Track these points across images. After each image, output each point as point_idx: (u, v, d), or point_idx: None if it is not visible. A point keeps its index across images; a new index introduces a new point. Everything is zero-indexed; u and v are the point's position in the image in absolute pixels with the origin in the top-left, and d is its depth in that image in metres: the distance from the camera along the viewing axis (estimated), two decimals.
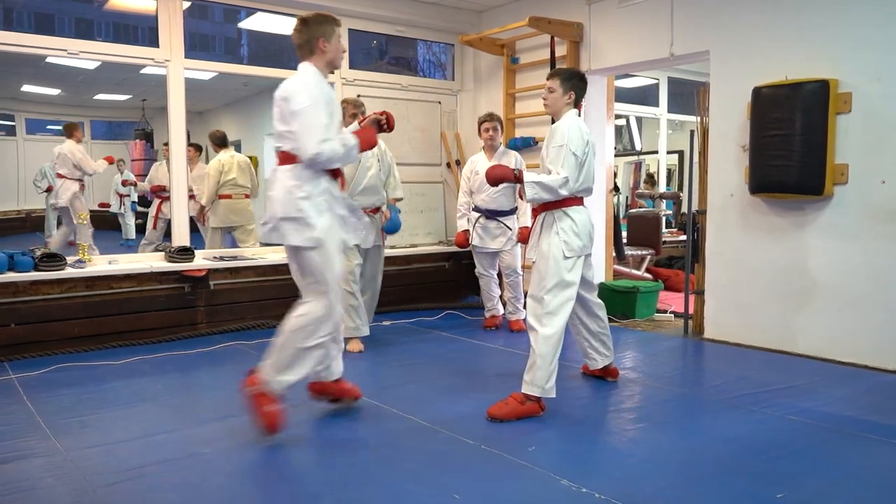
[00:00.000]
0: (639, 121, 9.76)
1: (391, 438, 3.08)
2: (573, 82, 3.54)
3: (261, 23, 6.38)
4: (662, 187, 9.58)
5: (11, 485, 2.59)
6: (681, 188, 9.51)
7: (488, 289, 5.47)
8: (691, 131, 5.21)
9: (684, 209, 8.40)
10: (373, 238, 4.74)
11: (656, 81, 8.98)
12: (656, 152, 9.61)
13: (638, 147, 9.85)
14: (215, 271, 5.27)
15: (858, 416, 3.33)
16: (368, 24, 6.30)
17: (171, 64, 5.30)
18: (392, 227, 4.83)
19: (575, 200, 3.46)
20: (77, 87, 10.08)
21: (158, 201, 7.52)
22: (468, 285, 6.44)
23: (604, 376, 3.95)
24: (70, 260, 4.88)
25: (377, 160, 4.72)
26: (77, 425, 3.25)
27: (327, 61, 3.08)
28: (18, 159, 10.40)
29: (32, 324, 4.58)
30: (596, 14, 5.71)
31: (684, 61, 5.48)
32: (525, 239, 4.65)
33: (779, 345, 4.60)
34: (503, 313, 5.53)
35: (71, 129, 7.33)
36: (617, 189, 6.97)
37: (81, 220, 5.15)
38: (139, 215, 9.79)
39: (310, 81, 3.00)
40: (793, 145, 4.28)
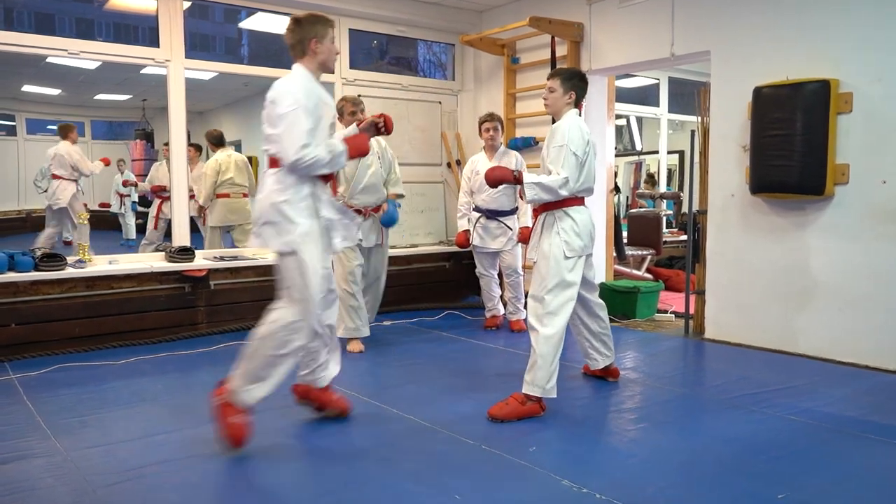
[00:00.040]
0: (639, 121, 9.76)
1: (391, 439, 3.08)
2: (574, 82, 3.54)
3: (261, 23, 6.38)
4: (663, 187, 9.58)
5: (11, 485, 2.59)
6: (681, 188, 9.51)
7: (489, 289, 5.46)
8: (692, 131, 5.20)
9: (685, 209, 8.40)
10: (375, 237, 4.75)
11: (657, 81, 8.98)
12: (657, 152, 9.62)
13: (638, 147, 9.85)
14: (216, 271, 5.27)
15: (859, 416, 3.33)
16: (369, 23, 6.31)
17: (172, 64, 5.30)
18: (388, 220, 4.72)
19: (576, 200, 3.46)
20: (77, 87, 10.09)
21: (159, 201, 7.53)
22: (469, 285, 6.44)
23: (605, 376, 3.95)
24: (70, 260, 4.88)
25: (378, 158, 4.69)
26: (77, 425, 3.25)
27: (319, 62, 3.00)
28: (19, 159, 10.41)
29: (33, 324, 4.59)
30: (596, 14, 5.71)
31: (685, 61, 5.47)
32: (526, 239, 4.64)
33: (779, 345, 4.60)
34: (504, 313, 5.53)
35: (66, 131, 7.32)
36: (617, 189, 6.97)
37: (82, 221, 5.15)
38: (139, 215, 9.80)
39: (298, 84, 2.91)
40: (794, 145, 4.28)
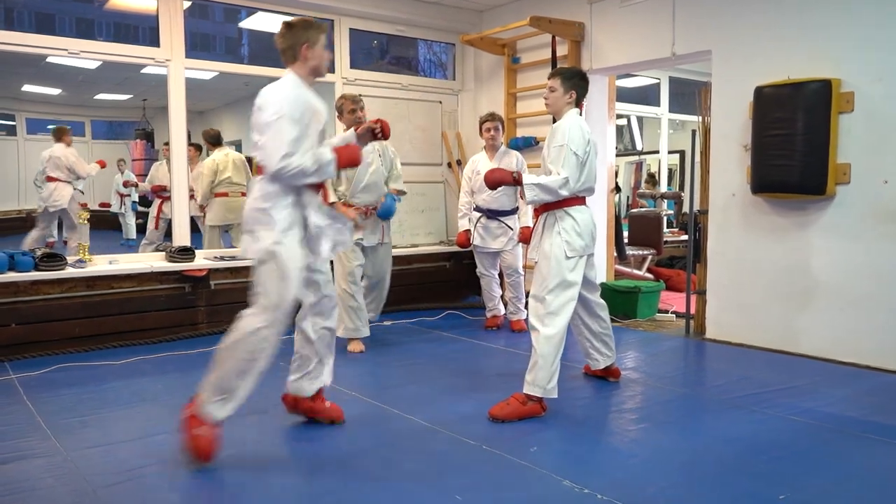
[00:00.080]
0: (640, 120, 9.75)
1: (392, 439, 3.08)
2: (574, 81, 3.54)
3: (261, 22, 6.37)
4: (664, 187, 9.58)
5: (11, 485, 2.59)
6: (682, 188, 9.51)
7: (489, 289, 5.46)
8: (693, 130, 5.19)
9: (685, 209, 8.40)
10: (376, 236, 4.73)
11: (657, 81, 8.98)
12: (657, 152, 9.61)
13: (639, 147, 9.84)
14: (216, 271, 5.26)
15: (860, 416, 3.32)
16: (369, 23, 6.30)
17: (172, 64, 5.30)
18: (384, 211, 4.63)
19: (577, 200, 3.45)
20: (78, 87, 10.09)
21: (159, 201, 7.52)
22: (469, 285, 6.43)
23: (605, 376, 3.94)
24: (70, 260, 4.88)
25: (378, 156, 4.65)
26: (77, 425, 3.24)
27: (311, 68, 2.95)
28: (19, 159, 10.40)
29: (33, 324, 4.58)
30: (597, 13, 5.70)
31: (686, 61, 5.47)
32: (526, 239, 4.64)
33: (781, 345, 4.59)
34: (504, 313, 5.52)
35: (61, 133, 7.29)
36: (618, 188, 6.97)
37: (82, 220, 5.15)
38: (140, 215, 9.79)
39: (284, 92, 2.85)
40: (795, 145, 4.27)
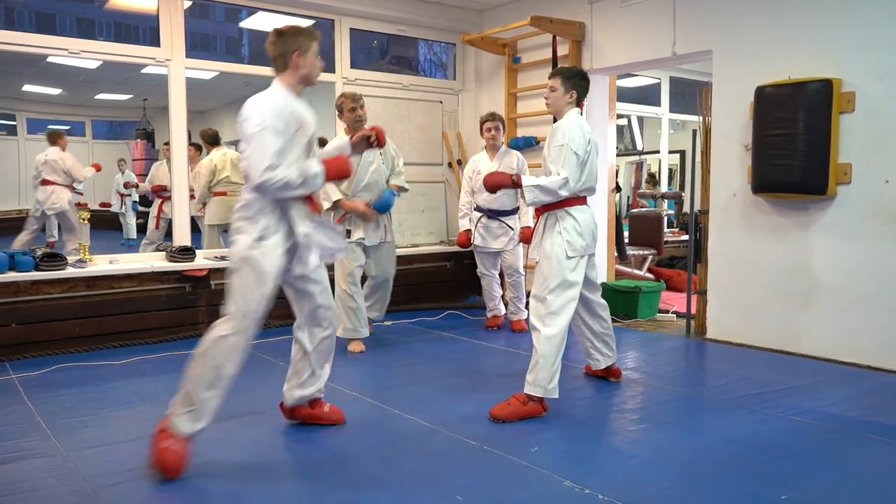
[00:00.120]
0: (640, 120, 9.75)
1: (392, 439, 3.08)
2: (575, 81, 3.53)
3: (262, 22, 6.36)
4: (664, 187, 9.57)
5: (12, 485, 2.59)
6: (682, 188, 9.51)
7: (490, 289, 5.45)
8: (694, 130, 5.19)
9: (686, 209, 8.40)
10: (379, 235, 4.72)
11: (658, 81, 8.98)
12: (658, 152, 9.61)
13: (639, 147, 9.84)
14: (216, 271, 5.25)
15: (862, 416, 3.32)
16: (370, 23, 6.30)
17: (173, 63, 5.29)
18: (382, 204, 4.58)
19: (578, 200, 3.45)
20: (78, 87, 10.08)
21: (160, 201, 7.51)
22: (470, 285, 6.43)
23: (606, 376, 3.94)
24: (71, 260, 4.88)
25: (379, 154, 4.62)
26: (78, 425, 3.24)
27: (301, 76, 2.88)
28: (19, 159, 10.40)
29: (33, 323, 4.58)
30: (598, 13, 5.70)
31: (687, 60, 5.46)
32: (527, 239, 4.64)
33: (781, 345, 4.59)
34: (505, 313, 5.52)
35: (55, 137, 7.28)
36: (619, 188, 6.96)
37: (83, 220, 5.16)
38: (140, 215, 9.78)
39: (269, 103, 2.76)
40: (796, 145, 4.27)
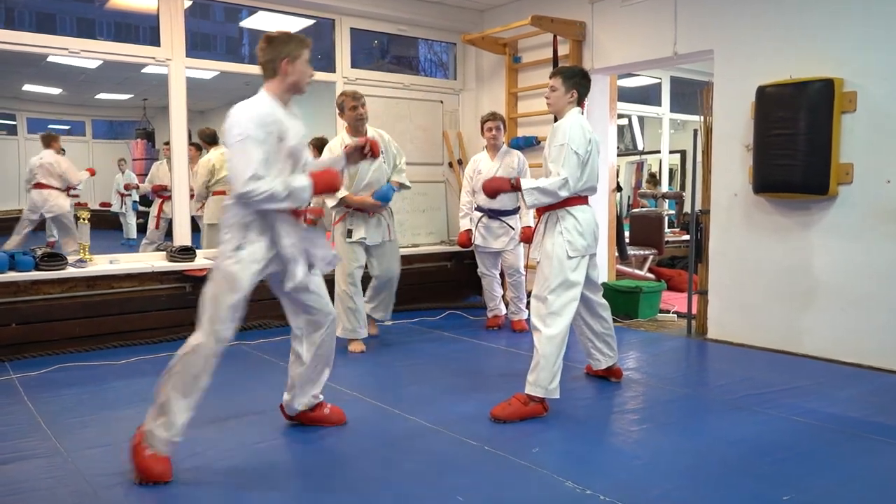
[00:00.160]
0: (641, 120, 9.74)
1: (393, 439, 3.07)
2: (575, 80, 3.53)
3: (262, 22, 6.35)
4: (665, 187, 9.57)
5: (12, 486, 2.58)
6: (683, 188, 9.50)
7: (491, 289, 5.45)
8: (695, 130, 5.18)
9: (686, 209, 8.39)
10: (380, 234, 4.70)
11: (659, 81, 8.97)
12: (658, 152, 9.60)
13: (640, 146, 9.83)
14: None
15: (863, 417, 3.31)
16: (370, 23, 6.29)
17: (173, 63, 5.29)
18: (381, 195, 4.55)
19: (579, 200, 3.44)
20: (78, 87, 10.08)
21: (160, 201, 7.51)
22: (470, 285, 6.42)
23: (607, 377, 3.93)
24: (71, 259, 4.87)
25: (381, 152, 4.61)
26: (78, 426, 3.24)
27: (290, 84, 2.80)
28: (20, 159, 10.39)
29: (33, 323, 4.57)
30: (599, 13, 5.69)
31: (688, 60, 5.46)
32: (528, 238, 4.63)
33: (783, 345, 4.58)
34: (506, 313, 5.52)
35: (50, 140, 7.25)
36: (620, 188, 6.95)
37: (83, 220, 5.16)
38: (140, 214, 9.78)
39: (252, 112, 2.69)
40: (797, 144, 4.26)
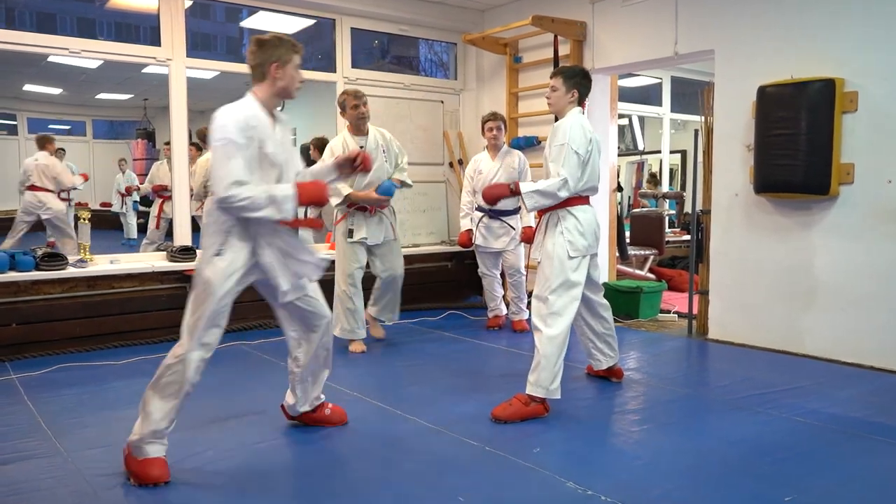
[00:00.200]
0: (641, 120, 9.74)
1: (394, 440, 3.07)
2: (576, 80, 3.52)
3: (263, 22, 6.35)
4: (665, 187, 9.56)
5: (12, 486, 2.58)
6: (683, 188, 9.49)
7: (491, 289, 5.44)
8: (696, 130, 5.18)
9: (687, 209, 8.39)
10: (382, 233, 4.67)
11: (659, 81, 8.96)
12: (659, 152, 9.60)
13: (640, 146, 9.83)
14: None
15: (864, 417, 3.31)
16: (371, 22, 6.29)
17: (173, 63, 5.29)
18: (385, 189, 4.49)
19: (580, 200, 3.44)
20: (79, 87, 10.08)
21: (160, 201, 7.50)
22: (471, 285, 6.42)
23: (608, 377, 3.93)
24: (71, 259, 4.87)
25: (382, 151, 4.56)
26: (78, 426, 3.24)
27: (279, 89, 2.75)
28: (20, 159, 10.38)
29: (33, 323, 4.57)
30: (599, 13, 5.69)
31: (688, 60, 5.45)
32: (529, 239, 4.62)
33: (784, 345, 4.58)
34: (506, 313, 5.51)
35: (44, 141, 7.25)
36: (620, 188, 6.95)
37: (84, 220, 5.16)
38: (141, 214, 9.78)
39: (235, 116, 2.62)
40: (798, 144, 4.25)
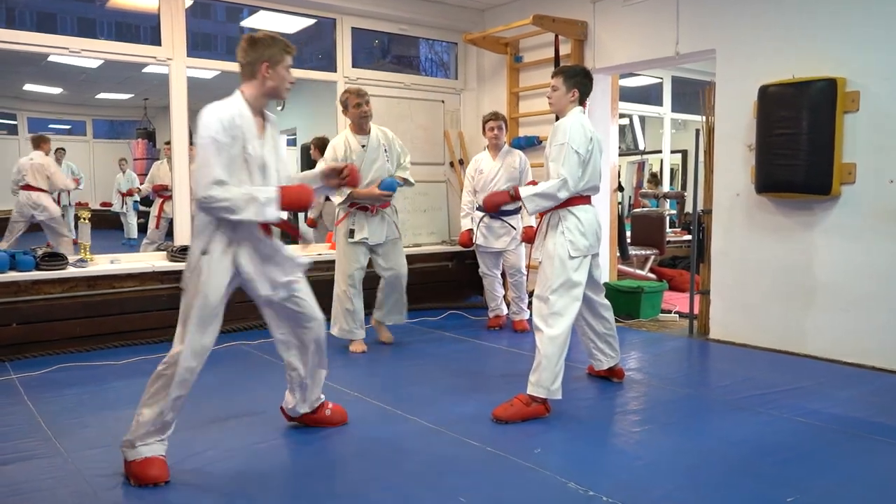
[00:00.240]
0: (642, 120, 9.73)
1: (395, 440, 3.06)
2: (577, 79, 3.52)
3: (263, 21, 6.35)
4: (666, 187, 9.56)
5: (12, 486, 2.57)
6: (684, 188, 9.49)
7: (492, 289, 5.44)
8: (697, 130, 5.17)
9: (688, 209, 8.38)
10: (384, 232, 4.65)
11: (660, 80, 8.95)
12: (660, 151, 9.59)
13: (641, 146, 9.82)
14: None
15: (866, 417, 3.30)
16: (371, 22, 6.28)
17: (174, 62, 5.28)
18: (387, 185, 4.47)
19: (581, 199, 3.43)
20: (79, 86, 10.08)
21: (160, 200, 7.51)
22: (471, 285, 6.41)
23: (609, 377, 3.92)
24: (72, 259, 4.86)
25: (384, 151, 4.54)
26: (78, 426, 3.23)
27: (268, 89, 2.68)
28: (20, 158, 10.39)
29: (34, 323, 4.56)
30: (600, 12, 5.68)
31: (690, 60, 5.44)
32: (529, 238, 4.62)
33: (785, 345, 4.57)
34: (507, 313, 5.51)
35: (39, 141, 7.24)
36: (621, 188, 6.93)
37: (84, 220, 5.16)
38: (141, 214, 9.78)
39: (220, 115, 2.56)
40: (800, 144, 4.25)
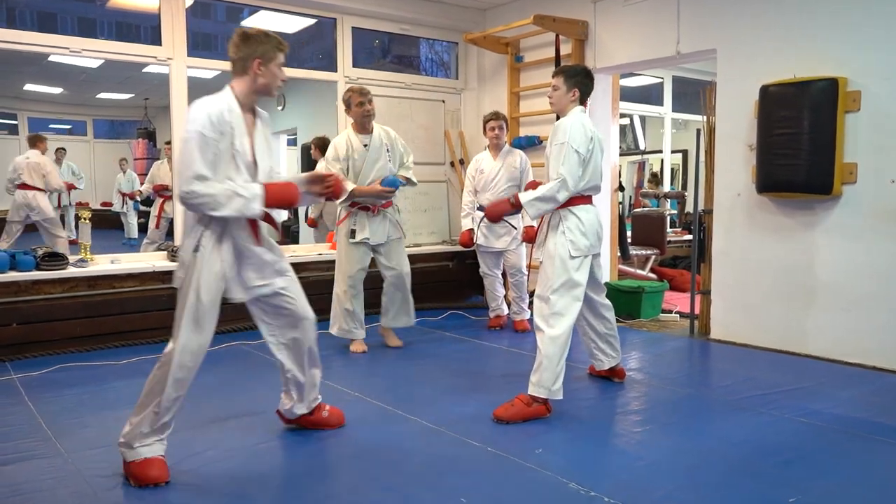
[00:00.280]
0: (643, 120, 9.73)
1: (395, 440, 3.06)
2: (578, 79, 3.51)
3: (264, 21, 6.34)
4: (667, 187, 9.55)
5: (12, 487, 2.57)
6: (684, 187, 9.48)
7: (493, 288, 5.43)
8: (697, 130, 5.17)
9: (688, 209, 8.38)
10: (385, 232, 4.63)
11: (661, 80, 8.95)
12: (660, 151, 9.58)
13: (642, 146, 9.82)
14: None
15: (867, 418, 3.30)
16: (372, 22, 6.28)
17: (174, 62, 5.28)
18: (390, 182, 4.46)
19: (582, 199, 3.43)
20: (79, 86, 10.09)
21: (161, 200, 7.51)
22: (472, 285, 6.41)
23: (610, 377, 3.92)
24: (72, 259, 4.86)
25: (386, 150, 4.52)
26: (78, 426, 3.23)
27: (259, 86, 2.64)
28: None
29: (34, 323, 4.56)
30: (601, 12, 5.68)
31: (690, 59, 5.44)
32: (530, 238, 4.62)
33: (786, 345, 4.57)
34: (508, 313, 5.50)
35: (36, 140, 7.25)
36: (622, 187, 6.93)
37: (84, 220, 5.16)
38: (141, 214, 9.79)
39: (210, 108, 2.53)
40: (801, 144, 4.24)
